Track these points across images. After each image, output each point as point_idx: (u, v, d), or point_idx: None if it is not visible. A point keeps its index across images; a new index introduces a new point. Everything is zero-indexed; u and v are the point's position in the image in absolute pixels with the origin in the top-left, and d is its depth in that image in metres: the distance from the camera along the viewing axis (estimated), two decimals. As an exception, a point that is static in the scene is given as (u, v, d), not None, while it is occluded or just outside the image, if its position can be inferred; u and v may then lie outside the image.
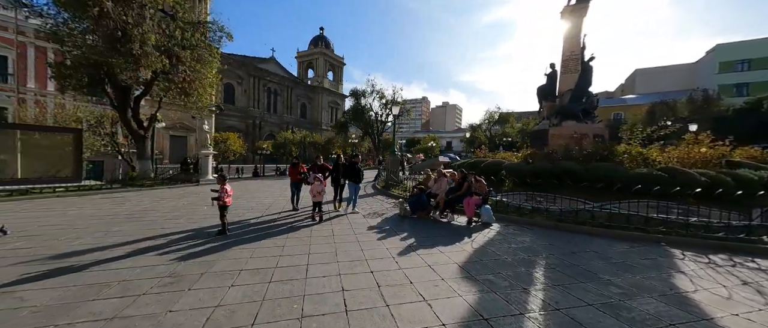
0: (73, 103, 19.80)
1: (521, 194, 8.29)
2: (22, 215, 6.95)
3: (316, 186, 6.78)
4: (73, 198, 9.42)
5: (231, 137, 31.83)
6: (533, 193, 8.20)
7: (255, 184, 15.41)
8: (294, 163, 8.45)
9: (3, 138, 11.48)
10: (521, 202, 7.58)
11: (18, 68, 23.47)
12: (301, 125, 55.97)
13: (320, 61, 66.98)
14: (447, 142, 77.53)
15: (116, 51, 10.94)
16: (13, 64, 23.42)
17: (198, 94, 14.28)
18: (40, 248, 4.48)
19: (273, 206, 8.79)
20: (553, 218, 6.61)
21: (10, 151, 11.40)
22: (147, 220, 6.62)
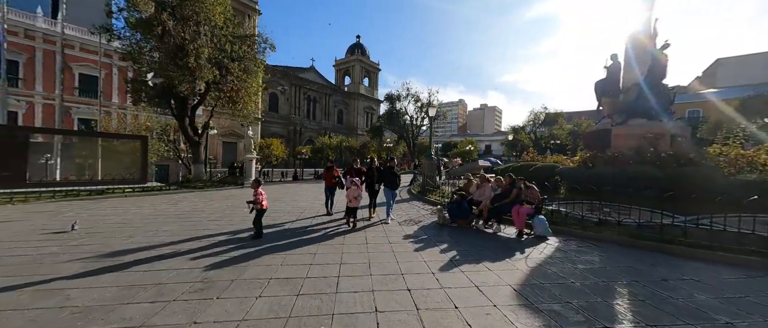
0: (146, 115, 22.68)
1: (581, 203, 7.14)
2: (94, 212, 7.79)
3: (352, 191, 6.50)
4: (137, 198, 10.48)
5: (274, 143, 33.85)
6: (599, 202, 7.00)
7: (293, 187, 15.90)
8: (328, 167, 8.34)
9: (89, 145, 13.33)
10: (583, 212, 6.47)
11: (104, 86, 27.61)
12: (337, 131, 57.71)
13: (356, 68, 68.72)
14: (486, 146, 73.86)
15: (175, 65, 12.09)
16: (100, 83, 27.65)
17: (244, 102, 15.23)
18: (98, 245, 4.82)
19: (308, 210, 8.77)
20: (628, 233, 5.48)
21: (93, 156, 13.21)
22: (192, 220, 6.94)
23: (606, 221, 6.02)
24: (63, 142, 13.11)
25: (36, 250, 4.53)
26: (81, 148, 13.75)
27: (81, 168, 13.24)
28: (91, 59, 26.48)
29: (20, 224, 6.17)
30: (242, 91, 15.06)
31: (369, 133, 40.71)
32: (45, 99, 28.00)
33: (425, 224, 7.09)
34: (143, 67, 13.15)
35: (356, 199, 6.48)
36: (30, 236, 5.25)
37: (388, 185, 7.30)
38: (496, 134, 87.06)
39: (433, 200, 10.09)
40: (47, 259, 4.13)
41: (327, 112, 64.21)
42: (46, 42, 26.88)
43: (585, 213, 6.40)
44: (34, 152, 12.33)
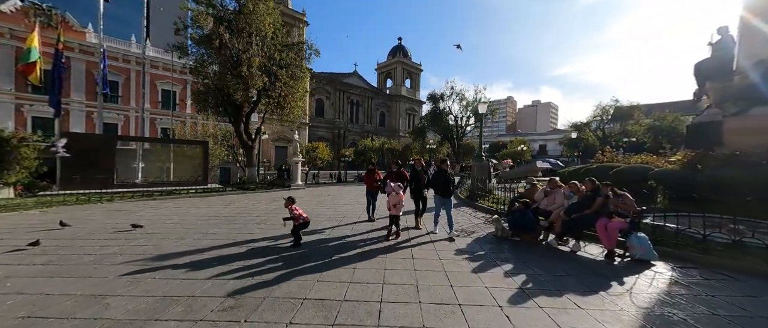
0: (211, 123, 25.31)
1: (690, 216, 5.40)
2: (159, 212, 8.48)
3: (393, 197, 5.84)
4: (198, 198, 11.35)
5: (320, 146, 35.35)
6: (720, 216, 5.24)
7: (335, 189, 15.94)
8: (370, 169, 7.86)
9: (164, 151, 15.02)
10: (705, 230, 4.83)
11: (180, 99, 31.64)
12: (379, 133, 58.14)
13: (398, 70, 68.64)
14: (539, 146, 67.35)
15: (231, 74, 12.97)
16: (173, 96, 31.74)
17: (291, 107, 15.79)
18: (152, 247, 4.96)
19: (349, 214, 8.40)
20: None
21: (167, 160, 14.87)
22: (239, 223, 7.03)
23: (742, 243, 4.37)
24: (144, 148, 15.06)
25: (100, 249, 4.81)
26: (158, 153, 15.67)
27: (158, 171, 15.02)
28: (170, 76, 30.67)
29: (99, 223, 6.88)
30: (289, 97, 15.64)
31: (411, 134, 39.92)
32: (136, 113, 33.11)
33: (479, 235, 6.12)
34: (206, 79, 14.43)
35: (397, 207, 5.76)
36: (101, 234, 5.71)
37: (441, 191, 6.02)
38: (551, 133, 78.85)
39: (486, 207, 8.95)
40: (106, 260, 4.29)
41: (369, 115, 65.25)
42: (137, 64, 31.74)
43: (709, 231, 4.76)
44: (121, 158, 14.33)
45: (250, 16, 13.28)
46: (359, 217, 7.98)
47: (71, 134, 11.50)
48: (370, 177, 7.70)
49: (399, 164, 7.25)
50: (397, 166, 7.09)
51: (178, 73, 30.00)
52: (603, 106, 37.28)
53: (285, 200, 5.26)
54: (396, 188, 5.92)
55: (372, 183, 7.53)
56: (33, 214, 7.80)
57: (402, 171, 6.89)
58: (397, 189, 5.92)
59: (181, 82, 30.91)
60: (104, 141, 11.91)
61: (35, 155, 12.10)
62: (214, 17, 13.13)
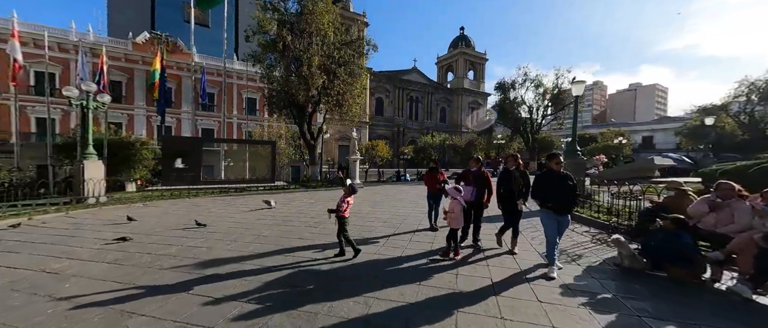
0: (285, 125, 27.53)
1: None
2: (226, 209, 8.91)
3: (454, 205, 4.46)
4: (264, 195, 11.88)
5: (379, 144, 35.42)
6: None
7: (394, 189, 15.11)
8: (431, 168, 6.58)
9: (241, 151, 16.51)
10: None
11: (260, 105, 35.48)
12: (440, 129, 55.69)
13: (460, 62, 64.67)
14: (643, 138, 54.61)
15: (294, 75, 13.33)
16: (257, 103, 35.71)
17: (349, 104, 15.61)
18: (203, 250, 4.81)
19: (408, 219, 7.36)
20: None
21: (243, 160, 16.33)
22: (292, 225, 6.69)
23: None
24: (225, 149, 16.90)
25: (161, 249, 4.85)
26: (236, 154, 17.42)
27: (236, 170, 16.66)
28: (252, 85, 34.71)
29: (177, 217, 7.41)
30: (347, 94, 15.47)
31: (475, 129, 36.66)
32: (228, 119, 38.51)
33: (591, 262, 4.33)
34: (273, 83, 15.31)
35: (457, 219, 4.42)
36: (172, 232, 5.96)
37: (561, 204, 3.79)
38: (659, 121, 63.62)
39: (588, 218, 6.77)
40: (157, 263, 4.20)
41: (429, 111, 63.17)
42: (229, 77, 36.74)
43: None
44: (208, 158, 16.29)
45: (309, 16, 13.46)
46: (420, 223, 6.87)
47: (168, 138, 13.41)
48: (431, 177, 6.46)
49: (480, 160, 5.27)
50: (478, 163, 5.19)
51: (257, 81, 33.74)
52: (750, 82, 27.49)
53: (346, 186, 4.48)
54: (453, 191, 4.54)
55: (434, 184, 6.29)
56: (137, 207, 9.03)
57: (484, 172, 5.14)
58: (455, 192, 4.53)
59: (260, 90, 34.66)
60: (193, 143, 13.60)
61: (152, 156, 14.65)
62: (278, 21, 13.74)
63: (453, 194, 4.54)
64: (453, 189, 4.55)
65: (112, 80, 30.26)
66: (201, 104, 34.72)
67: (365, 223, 6.90)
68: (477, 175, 5.08)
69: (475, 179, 5.03)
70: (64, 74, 30.15)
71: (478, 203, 4.95)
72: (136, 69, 33.46)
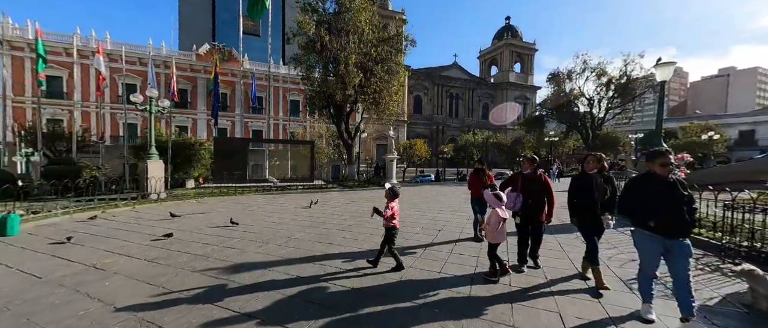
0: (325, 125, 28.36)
1: None
2: (265, 207, 9.08)
3: (492, 216, 3.60)
4: (302, 195, 12.07)
5: (418, 143, 34.53)
6: None
7: (433, 190, 14.28)
8: (477, 169, 5.66)
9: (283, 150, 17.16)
10: None
11: (302, 107, 37.12)
12: (483, 126, 52.63)
13: (505, 54, 60.43)
14: (740, 133, 45.00)
15: (332, 74, 13.34)
16: (300, 105, 37.39)
17: (386, 102, 15.20)
18: (234, 252, 4.73)
19: (448, 226, 6.63)
20: None
21: (286, 159, 16.97)
22: (325, 227, 6.43)
23: None
24: (269, 149, 17.77)
25: (195, 248, 4.90)
26: (279, 153, 18.22)
27: (279, 168, 17.42)
28: (295, 88, 36.52)
29: (220, 215, 7.69)
30: (384, 92, 15.08)
31: (523, 126, 33.60)
32: (274, 120, 41.05)
33: (705, 300, 3.21)
34: (313, 84, 15.60)
35: (496, 231, 3.56)
36: (211, 230, 6.10)
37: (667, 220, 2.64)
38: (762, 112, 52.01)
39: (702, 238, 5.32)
40: (191, 264, 4.18)
41: (470, 107, 60.22)
42: (275, 81, 39.13)
43: None
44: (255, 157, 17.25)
45: (346, 14, 13.35)
46: (462, 231, 6.10)
47: (219, 139, 14.44)
48: (476, 180, 5.58)
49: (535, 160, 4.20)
50: (532, 163, 4.10)
51: (300, 84, 35.40)
52: None
53: (387, 190, 3.99)
54: (492, 199, 3.58)
55: (479, 188, 5.44)
56: (191, 203, 9.73)
57: (541, 176, 4.06)
58: (493, 200, 3.57)
59: (303, 92, 36.31)
60: (240, 144, 14.45)
61: (209, 156, 16.01)
62: (316, 22, 13.90)
63: (491, 202, 3.60)
64: (491, 196, 3.58)
65: (180, 88, 34.24)
66: (251, 107, 37.67)
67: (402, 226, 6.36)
68: (531, 178, 4.02)
69: (526, 183, 3.98)
70: (144, 85, 34.99)
71: (533, 216, 3.95)
72: (199, 77, 37.31)
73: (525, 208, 3.93)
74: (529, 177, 4.04)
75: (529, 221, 3.98)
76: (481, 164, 5.66)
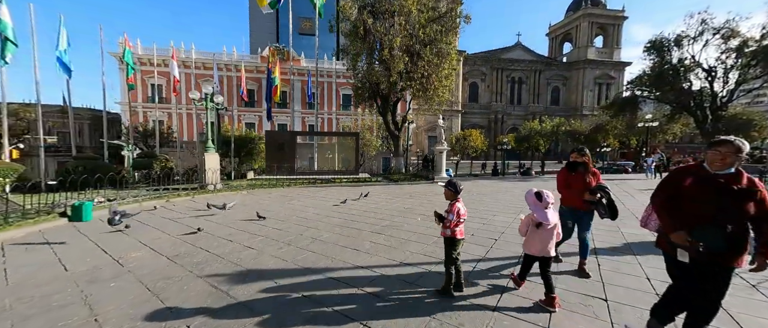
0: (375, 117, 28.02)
1: None
2: (301, 200, 8.80)
3: (524, 222, 2.92)
4: (345, 188, 11.67)
5: (473, 134, 31.65)
6: None
7: (489, 186, 12.44)
8: (575, 162, 3.58)
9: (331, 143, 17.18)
10: None
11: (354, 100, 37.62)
12: (551, 113, 45.95)
13: (582, 27, 51.41)
14: None
15: (375, 60, 12.52)
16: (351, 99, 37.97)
17: (434, 88, 13.76)
18: (253, 253, 4.29)
19: (508, 233, 5.20)
20: None
21: (333, 151, 16.97)
22: (356, 227, 5.66)
23: None
24: (318, 142, 18.00)
25: (216, 246, 4.63)
26: (326, 146, 18.31)
27: (328, 161, 17.56)
28: (346, 82, 37.15)
29: (262, 207, 7.61)
30: (433, 76, 13.63)
31: (607, 109, 27.77)
32: (328, 115, 42.64)
33: None
34: (359, 74, 15.05)
35: (531, 239, 2.84)
36: (236, 224, 5.90)
37: None
38: None
39: None
40: (203, 266, 3.83)
41: (536, 93, 53.23)
42: (327, 76, 40.54)
43: None
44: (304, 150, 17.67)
45: (391, -7, 12.28)
46: None
47: (270, 132, 15.02)
48: (575, 180, 3.53)
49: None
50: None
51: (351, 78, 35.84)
52: None
53: (446, 187, 3.02)
54: (532, 199, 2.81)
55: (578, 194, 3.45)
56: (243, 194, 10.14)
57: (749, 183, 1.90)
58: (533, 202, 2.80)
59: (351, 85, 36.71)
60: (289, 137, 14.82)
61: (266, 149, 17.03)
62: (359, 5, 13.16)
63: (531, 203, 2.81)
64: (532, 196, 2.82)
65: (248, 89, 37.89)
66: (307, 103, 39.68)
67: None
68: (731, 186, 1.87)
69: (725, 194, 1.87)
70: (221, 88, 39.86)
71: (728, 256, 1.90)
72: (264, 78, 40.78)
73: (712, 238, 1.86)
74: (727, 182, 1.89)
75: (715, 265, 1.92)
76: (582, 155, 3.57)
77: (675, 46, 20.61)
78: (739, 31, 18.54)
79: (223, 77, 39.78)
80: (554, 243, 2.79)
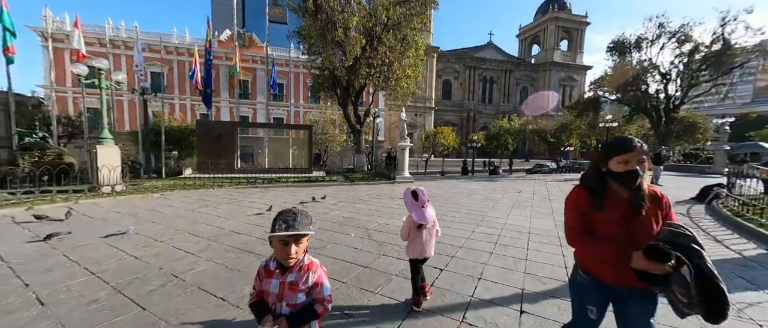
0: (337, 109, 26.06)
1: None
2: (219, 211, 7.02)
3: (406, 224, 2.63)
4: (291, 189, 9.96)
5: (444, 131, 30.96)
6: None
7: (456, 187, 11.33)
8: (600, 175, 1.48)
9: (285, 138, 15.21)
10: None
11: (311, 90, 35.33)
12: (520, 113, 46.99)
13: (550, 30, 53.15)
14: None
15: (326, 41, 10.84)
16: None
17: (397, 77, 12.37)
18: (72, 298, 2.54)
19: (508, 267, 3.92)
20: None
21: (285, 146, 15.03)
22: (254, 252, 4.08)
23: None
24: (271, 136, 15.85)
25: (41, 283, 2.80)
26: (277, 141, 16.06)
27: (280, 158, 15.57)
28: (312, 73, 34.82)
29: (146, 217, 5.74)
30: (396, 65, 12.22)
31: (571, 109, 28.35)
32: (295, 107, 39.95)
33: None
34: (312, 57, 13.25)
35: (414, 243, 2.58)
36: (95, 243, 4.07)
37: None
38: None
39: None
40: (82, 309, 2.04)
41: (506, 92, 54.35)
42: (294, 66, 37.66)
43: None
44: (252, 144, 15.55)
45: (347, -35, 10.64)
46: (524, 275, 3.36)
47: (203, 122, 12.77)
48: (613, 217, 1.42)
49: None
50: None
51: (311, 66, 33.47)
52: None
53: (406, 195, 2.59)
54: (409, 199, 2.57)
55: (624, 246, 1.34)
56: (154, 198, 8.07)
57: None
58: (411, 201, 2.56)
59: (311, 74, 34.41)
60: (228, 128, 12.69)
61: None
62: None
63: (408, 204, 2.56)
64: (409, 195, 2.58)
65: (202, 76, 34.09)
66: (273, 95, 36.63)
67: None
68: None
69: None
70: (170, 74, 35.62)
71: None
72: (222, 65, 37.00)
73: None
74: None
75: None
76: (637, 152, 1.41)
77: (634, 49, 21.10)
78: (691, 36, 19.25)
79: (173, 61, 35.61)
80: (434, 242, 2.66)
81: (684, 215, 6.44)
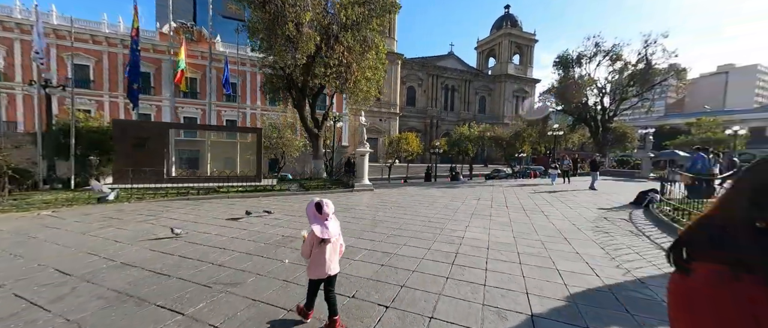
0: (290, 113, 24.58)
1: None
2: (110, 231, 5.68)
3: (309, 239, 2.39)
4: (230, 201, 8.67)
5: (409, 137, 31.11)
6: None
7: (414, 195, 10.92)
8: None
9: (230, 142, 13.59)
10: None
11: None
12: (479, 120, 49.45)
13: (504, 44, 57.09)
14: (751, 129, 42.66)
15: (276, 35, 9.82)
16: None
17: (355, 79, 11.73)
18: None
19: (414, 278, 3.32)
20: None
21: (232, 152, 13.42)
22: (149, 301, 3.06)
23: None
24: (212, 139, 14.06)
25: None
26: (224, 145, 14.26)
27: (226, 164, 13.89)
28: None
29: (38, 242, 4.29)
30: (354, 66, 11.58)
31: (522, 119, 30.34)
32: (251, 109, 37.23)
33: None
34: (263, 54, 12.06)
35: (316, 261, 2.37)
36: None
37: None
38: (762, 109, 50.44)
39: None
40: None
41: (466, 101, 56.96)
42: (252, 66, 34.57)
43: None
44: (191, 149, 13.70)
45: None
46: (482, 308, 2.78)
47: (118, 122, 10.84)
48: None
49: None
50: None
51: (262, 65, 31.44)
52: None
53: None
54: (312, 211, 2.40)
55: None
56: (45, 214, 6.30)
57: None
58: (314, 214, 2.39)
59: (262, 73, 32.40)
60: (156, 130, 10.86)
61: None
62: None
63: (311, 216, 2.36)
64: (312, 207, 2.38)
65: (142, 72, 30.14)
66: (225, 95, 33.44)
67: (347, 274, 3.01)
68: None
69: None
70: (98, 66, 30.90)
71: None
72: (164, 60, 33.15)
73: None
74: None
75: None
76: None
77: (576, 64, 23.18)
78: (621, 55, 21.67)
79: (103, 53, 31.08)
80: (337, 258, 2.45)
81: (627, 220, 6.67)
